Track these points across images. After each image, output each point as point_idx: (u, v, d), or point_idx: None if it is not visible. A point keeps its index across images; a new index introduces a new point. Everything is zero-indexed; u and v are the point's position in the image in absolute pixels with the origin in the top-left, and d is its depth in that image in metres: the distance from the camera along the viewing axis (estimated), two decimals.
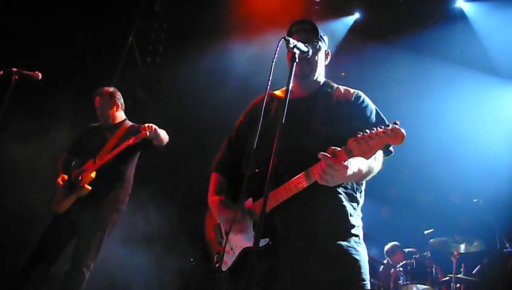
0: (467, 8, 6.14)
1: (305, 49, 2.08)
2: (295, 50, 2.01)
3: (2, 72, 3.28)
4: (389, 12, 6.46)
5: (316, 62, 2.29)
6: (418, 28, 6.12)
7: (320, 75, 2.35)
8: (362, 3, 6.69)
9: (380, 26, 6.51)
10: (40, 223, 3.92)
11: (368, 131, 1.77)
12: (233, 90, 5.56)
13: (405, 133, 1.71)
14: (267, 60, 1.98)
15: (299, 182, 1.97)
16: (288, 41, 2.00)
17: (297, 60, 2.01)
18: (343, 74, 6.59)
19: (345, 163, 1.82)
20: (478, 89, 5.67)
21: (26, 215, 4.46)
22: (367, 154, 1.79)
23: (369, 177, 2.11)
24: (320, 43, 2.29)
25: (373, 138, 1.75)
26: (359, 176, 2.03)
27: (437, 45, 6.02)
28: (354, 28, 6.65)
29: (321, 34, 2.31)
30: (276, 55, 1.94)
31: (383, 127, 1.75)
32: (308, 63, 2.24)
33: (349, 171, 1.87)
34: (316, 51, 2.27)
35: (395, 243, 5.72)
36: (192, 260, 2.35)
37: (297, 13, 5.93)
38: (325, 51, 2.36)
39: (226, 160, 2.44)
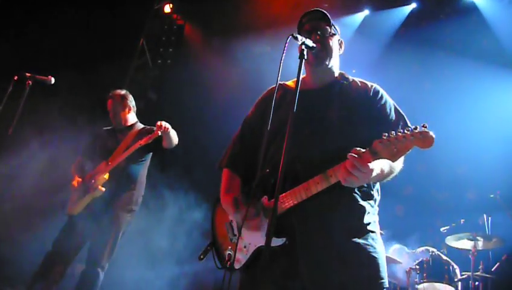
0: (479, 0, 6.04)
1: (313, 45, 2.04)
2: (303, 47, 1.97)
3: (16, 78, 3.35)
4: (399, 8, 6.39)
5: (331, 47, 2.22)
6: (429, 23, 6.04)
7: (335, 65, 2.27)
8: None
9: (390, 22, 6.43)
10: (55, 225, 3.97)
11: (393, 133, 1.72)
12: (246, 88, 5.55)
13: (434, 137, 1.67)
14: (279, 58, 1.96)
15: (317, 183, 1.94)
16: (296, 38, 1.96)
17: (305, 57, 1.97)
18: (354, 71, 6.52)
19: (369, 165, 1.79)
20: (493, 82, 5.56)
21: (41, 217, 4.52)
22: (394, 157, 1.75)
23: (391, 177, 2.06)
24: (332, 29, 2.24)
25: (400, 141, 1.70)
26: (382, 177, 2.00)
27: (449, 38, 5.93)
28: (363, 25, 6.60)
29: (333, 23, 2.25)
30: (284, 53, 1.92)
31: (410, 129, 1.70)
32: (323, 48, 2.17)
33: (374, 173, 1.84)
34: (330, 35, 2.21)
35: (398, 246, 5.53)
36: (201, 257, 2.29)
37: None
38: (339, 39, 2.30)
39: (238, 155, 2.37)
